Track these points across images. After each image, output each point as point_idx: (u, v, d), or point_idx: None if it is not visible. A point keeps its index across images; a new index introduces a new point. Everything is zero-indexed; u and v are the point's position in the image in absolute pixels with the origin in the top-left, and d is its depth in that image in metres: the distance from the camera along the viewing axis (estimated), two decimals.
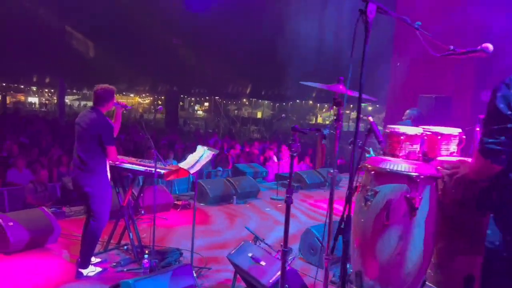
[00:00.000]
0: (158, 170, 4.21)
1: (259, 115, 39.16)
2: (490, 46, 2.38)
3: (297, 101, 31.29)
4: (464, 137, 3.50)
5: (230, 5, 22.30)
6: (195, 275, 3.76)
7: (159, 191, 6.79)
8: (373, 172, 2.86)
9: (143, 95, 40.62)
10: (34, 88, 38.74)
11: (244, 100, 37.01)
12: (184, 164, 4.31)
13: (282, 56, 23.51)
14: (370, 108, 32.46)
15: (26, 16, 22.04)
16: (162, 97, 34.81)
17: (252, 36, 23.37)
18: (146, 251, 4.25)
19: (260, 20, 22.63)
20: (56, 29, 22.82)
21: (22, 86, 38.60)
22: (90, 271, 4.22)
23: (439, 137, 3.39)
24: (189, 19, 21.76)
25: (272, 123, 32.47)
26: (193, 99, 42.00)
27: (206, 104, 43.33)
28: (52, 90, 37.05)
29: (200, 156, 4.28)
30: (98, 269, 4.29)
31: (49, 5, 22.09)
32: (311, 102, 30.40)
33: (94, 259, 4.38)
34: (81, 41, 25.33)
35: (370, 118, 2.80)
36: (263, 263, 3.43)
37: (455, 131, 3.46)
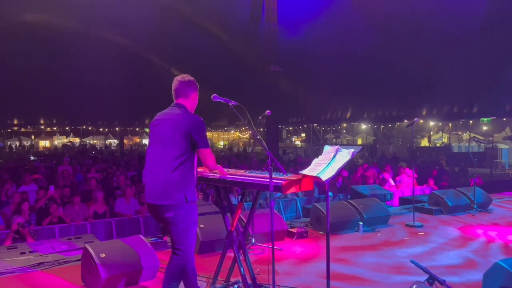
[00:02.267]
0: (275, 180, 3.09)
1: (359, 141, 36.94)
2: None
3: (405, 121, 28.62)
4: None
5: (323, 29, 21.57)
6: None
7: (269, 214, 5.67)
8: None
9: (243, 128, 41.15)
10: (147, 130, 41.64)
11: (344, 125, 35.23)
12: (309, 171, 3.12)
13: (385, 75, 21.80)
14: (485, 127, 28.61)
15: (136, 66, 23.33)
16: (261, 129, 34.70)
17: (349, 57, 22.15)
18: None
19: (357, 37, 21.41)
20: (159, 72, 24.00)
21: (137, 129, 41.89)
22: None
23: None
24: (285, 46, 21.33)
25: (375, 147, 30.14)
26: (290, 128, 41.35)
27: (303, 134, 42.40)
28: None
29: (330, 158, 3.07)
30: None
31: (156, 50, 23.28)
32: (421, 121, 27.52)
33: None
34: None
35: None
36: None
37: None
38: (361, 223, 6.09)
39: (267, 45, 20.14)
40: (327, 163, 3.04)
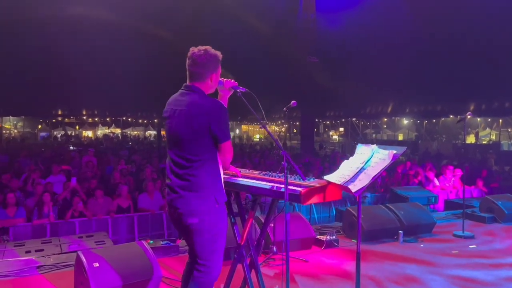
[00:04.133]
0: (291, 187, 2.47)
1: (400, 137, 35.29)
2: None
3: (450, 116, 26.88)
4: None
5: (362, 19, 20.49)
6: None
7: (295, 220, 5.05)
8: None
9: (279, 122, 40.45)
10: None
11: (384, 120, 33.75)
12: (335, 178, 2.47)
13: (429, 67, 20.49)
14: None
15: (175, 58, 23.24)
16: (297, 123, 33.99)
17: (391, 48, 20.95)
18: None
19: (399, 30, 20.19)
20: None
21: None
22: None
23: None
24: (323, 37, 20.46)
25: (417, 144, 28.61)
26: (327, 122, 40.21)
27: (341, 129, 41.13)
28: None
29: (364, 161, 2.40)
30: None
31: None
32: (469, 116, 25.77)
33: None
34: (223, 75, 26.04)
35: None
36: None
37: None
38: (401, 231, 5.34)
39: (304, 35, 19.37)
40: (359, 168, 2.38)
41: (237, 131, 45.00)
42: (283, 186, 2.47)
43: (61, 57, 21.94)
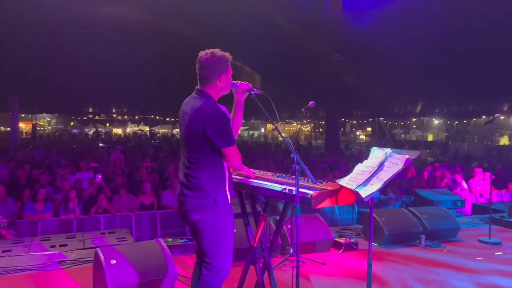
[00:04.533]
0: (303, 190, 2.44)
1: (430, 138, 34.41)
2: None
3: (483, 117, 25.99)
4: None
5: (390, 16, 20.03)
6: None
7: (313, 222, 5.01)
8: None
9: (304, 121, 40.21)
10: None
11: (413, 120, 32.98)
12: (347, 181, 2.43)
13: (461, 66, 19.82)
14: None
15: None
16: (323, 122, 33.66)
17: (420, 46, 20.40)
18: None
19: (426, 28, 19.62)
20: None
21: None
22: None
23: None
24: (350, 35, 20.15)
25: (447, 145, 27.83)
26: (354, 122, 39.66)
27: (369, 128, 40.49)
28: None
29: (377, 166, 2.35)
30: None
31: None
32: (502, 117, 24.82)
33: None
34: (248, 73, 26.15)
35: None
36: None
37: None
38: (423, 235, 5.20)
39: (330, 33, 19.14)
40: (372, 172, 2.33)
41: (262, 130, 45.04)
42: (294, 188, 2.45)
43: (93, 57, 22.55)
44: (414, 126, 35.94)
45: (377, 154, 2.49)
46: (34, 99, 25.14)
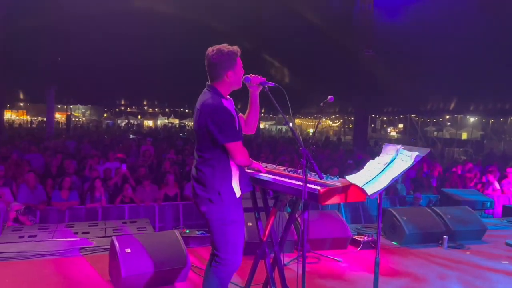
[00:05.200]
0: (311, 186, 2.40)
1: (464, 136, 33.23)
2: None
3: None
4: None
5: (423, 10, 19.35)
6: None
7: (331, 219, 4.94)
8: None
9: (333, 116, 39.69)
10: None
11: (447, 117, 31.94)
12: (356, 178, 2.37)
13: (499, 62, 18.97)
14: None
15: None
16: (352, 118, 33.16)
17: (455, 41, 19.64)
18: None
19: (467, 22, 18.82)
20: (250, 56, 23.89)
21: None
22: None
23: None
24: (381, 29, 19.66)
25: (482, 144, 26.82)
26: (385, 118, 38.82)
27: (400, 125, 39.52)
28: None
29: (387, 162, 2.28)
30: None
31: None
32: None
33: None
34: (277, 67, 26.04)
35: None
36: None
37: None
38: (445, 236, 5.03)
39: (361, 27, 18.76)
40: (382, 169, 2.26)
41: (290, 124, 44.88)
42: (301, 182, 2.42)
43: (125, 50, 23.04)
44: (448, 124, 34.79)
45: (388, 150, 2.42)
46: (69, 90, 25.98)
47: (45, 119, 27.55)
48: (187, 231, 4.87)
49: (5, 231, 5.11)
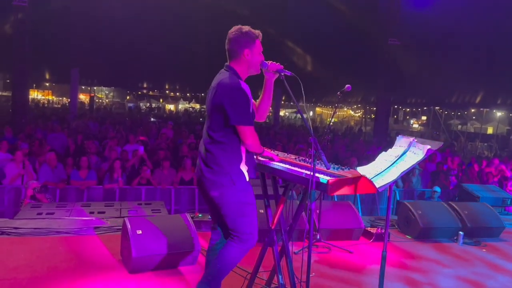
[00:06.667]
0: (320, 175, 2.38)
1: (490, 130, 32.28)
2: None
3: None
4: None
5: (453, 1, 18.67)
6: None
7: (344, 209, 4.90)
8: None
9: (355, 106, 39.12)
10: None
11: (472, 110, 31.06)
12: (366, 170, 2.33)
13: None
14: None
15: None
16: (374, 108, 32.63)
17: (484, 32, 18.92)
18: None
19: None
20: (274, 44, 23.65)
21: None
22: None
23: None
24: (407, 18, 19.13)
25: (508, 139, 26.04)
26: (408, 110, 38.04)
27: (423, 117, 38.66)
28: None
29: (399, 155, 2.23)
30: None
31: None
32: None
33: None
34: (300, 55, 25.77)
35: None
36: None
37: None
38: (461, 232, 4.93)
39: (386, 16, 18.32)
40: (393, 162, 2.21)
41: (311, 113, 44.46)
42: (309, 171, 2.39)
43: (149, 33, 23.17)
44: (473, 118, 33.83)
45: (401, 142, 2.36)
46: (93, 72, 26.37)
47: (69, 100, 28.08)
48: (200, 215, 4.91)
49: (24, 208, 5.27)
